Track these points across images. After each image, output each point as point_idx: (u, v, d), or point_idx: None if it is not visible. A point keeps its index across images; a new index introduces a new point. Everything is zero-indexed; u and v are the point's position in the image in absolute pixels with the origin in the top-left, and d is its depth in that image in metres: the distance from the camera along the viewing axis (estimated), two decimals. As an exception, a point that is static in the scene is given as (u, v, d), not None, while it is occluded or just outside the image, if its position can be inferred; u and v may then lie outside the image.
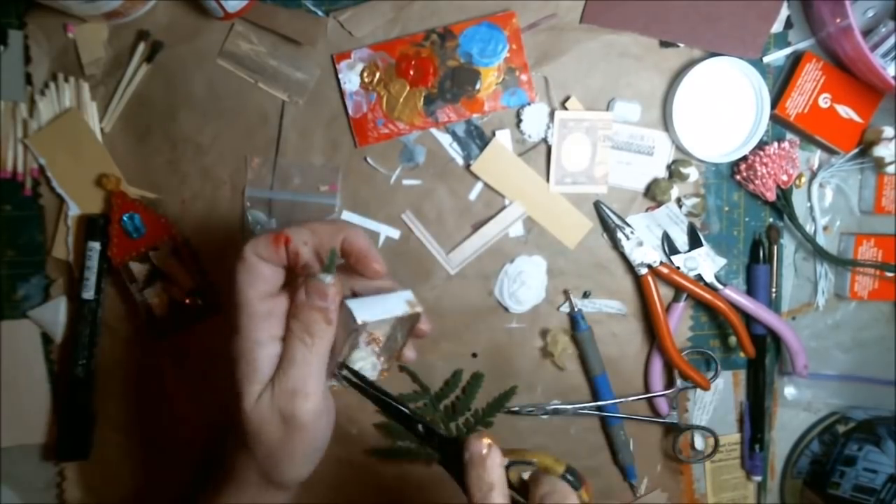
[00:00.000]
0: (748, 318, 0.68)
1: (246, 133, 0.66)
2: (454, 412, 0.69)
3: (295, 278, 0.46)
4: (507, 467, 0.47)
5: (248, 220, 0.66)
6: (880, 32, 0.63)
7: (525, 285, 0.67)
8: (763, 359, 0.69)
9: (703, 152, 0.66)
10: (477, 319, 0.68)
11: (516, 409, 0.68)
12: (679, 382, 0.69)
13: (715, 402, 0.71)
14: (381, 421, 0.69)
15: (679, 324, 0.69)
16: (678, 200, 0.68)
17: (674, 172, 0.67)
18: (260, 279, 0.45)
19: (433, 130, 0.66)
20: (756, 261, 0.69)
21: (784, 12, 0.66)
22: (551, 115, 0.66)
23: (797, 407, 0.72)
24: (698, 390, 0.70)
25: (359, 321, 0.45)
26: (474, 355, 0.69)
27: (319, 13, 0.65)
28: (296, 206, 0.67)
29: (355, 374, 0.50)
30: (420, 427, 0.49)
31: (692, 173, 0.67)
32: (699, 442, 0.71)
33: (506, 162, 0.66)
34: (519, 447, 0.48)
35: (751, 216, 0.70)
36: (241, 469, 0.49)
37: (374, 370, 0.53)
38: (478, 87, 0.65)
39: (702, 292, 0.66)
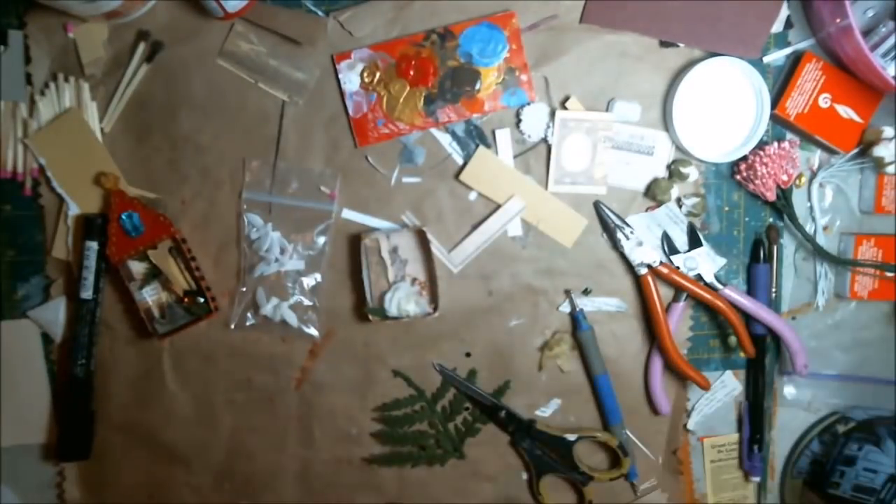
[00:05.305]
0: (748, 318, 0.68)
1: (246, 133, 0.66)
2: (451, 412, 0.69)
3: None
4: (576, 441, 0.67)
5: (245, 222, 0.66)
6: (880, 32, 0.63)
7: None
8: (763, 359, 0.69)
9: (703, 152, 0.66)
10: (476, 319, 0.68)
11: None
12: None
13: (715, 402, 0.71)
14: (378, 429, 0.69)
15: (679, 324, 0.69)
16: (678, 200, 0.68)
17: (674, 172, 0.67)
18: None
19: (433, 130, 0.66)
20: (756, 261, 0.69)
21: (784, 12, 0.66)
22: (551, 115, 0.66)
23: (797, 407, 0.72)
24: (697, 389, 0.70)
25: None
26: (468, 355, 0.69)
27: (319, 13, 0.65)
28: (294, 211, 0.66)
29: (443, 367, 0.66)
30: (502, 413, 0.65)
31: (692, 173, 0.67)
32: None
33: (494, 168, 0.66)
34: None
35: (751, 216, 0.69)
36: None
37: (418, 307, 0.66)
38: (478, 87, 0.65)
39: (702, 292, 0.66)
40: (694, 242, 0.67)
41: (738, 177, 0.68)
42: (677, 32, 0.66)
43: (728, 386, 0.71)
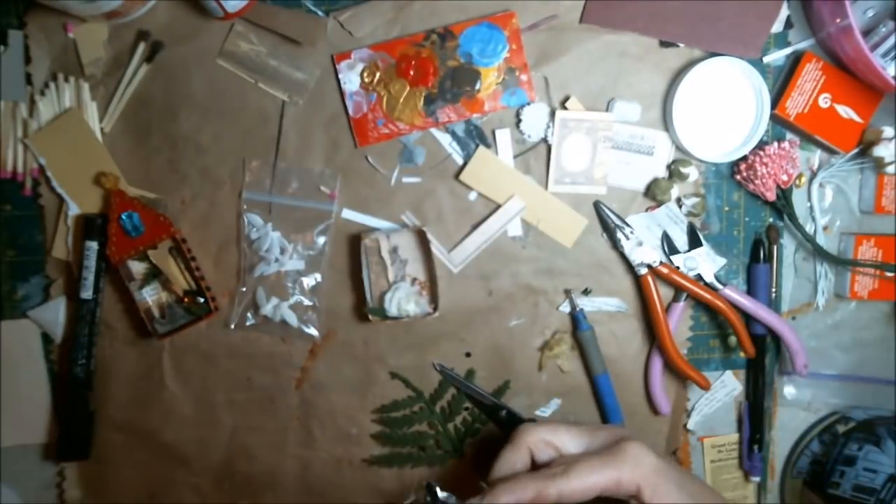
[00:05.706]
0: (748, 318, 0.68)
1: (246, 133, 0.66)
2: (451, 412, 0.69)
3: None
4: None
5: (245, 222, 0.66)
6: (880, 32, 0.63)
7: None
8: (763, 359, 0.69)
9: (703, 152, 0.66)
10: (476, 319, 0.68)
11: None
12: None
13: (715, 402, 0.71)
14: (378, 431, 0.69)
15: (679, 324, 0.69)
16: (678, 200, 0.68)
17: (674, 172, 0.67)
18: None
19: (433, 130, 0.66)
20: (756, 261, 0.69)
21: (784, 12, 0.66)
22: (551, 114, 0.66)
23: (797, 407, 0.72)
24: (697, 389, 0.70)
25: None
26: (468, 355, 0.69)
27: (319, 13, 0.65)
28: (294, 211, 0.66)
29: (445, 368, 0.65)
30: (503, 413, 0.61)
31: (692, 173, 0.67)
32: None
33: (494, 168, 0.66)
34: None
35: (751, 216, 0.70)
36: None
37: (418, 307, 0.66)
38: (478, 87, 0.65)
39: (702, 292, 0.66)
40: (694, 242, 0.67)
41: (738, 177, 0.68)
42: (677, 32, 0.66)
43: (728, 386, 0.71)
